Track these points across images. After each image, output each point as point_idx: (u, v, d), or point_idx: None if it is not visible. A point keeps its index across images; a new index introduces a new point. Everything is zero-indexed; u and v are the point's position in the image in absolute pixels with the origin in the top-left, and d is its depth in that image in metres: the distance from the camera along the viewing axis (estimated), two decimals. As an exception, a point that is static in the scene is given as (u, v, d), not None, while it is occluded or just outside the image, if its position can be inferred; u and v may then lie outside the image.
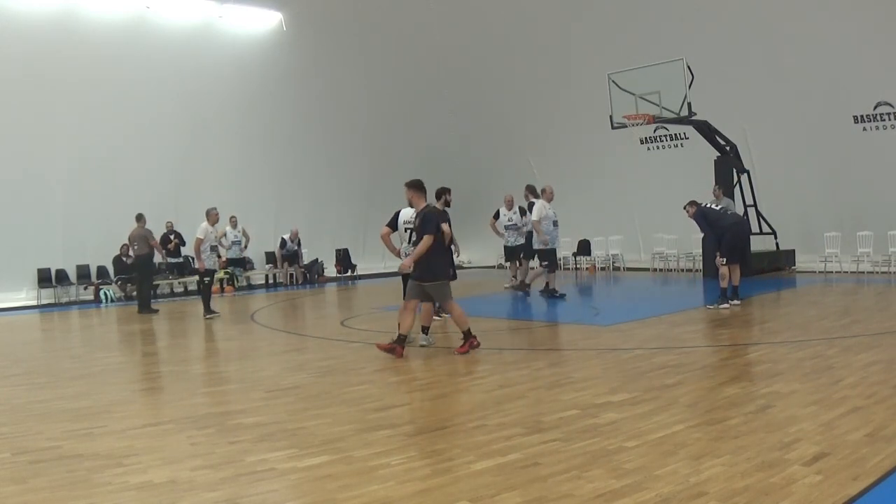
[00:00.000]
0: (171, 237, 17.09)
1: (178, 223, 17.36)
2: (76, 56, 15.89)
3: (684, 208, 11.44)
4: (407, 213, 8.46)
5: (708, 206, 11.41)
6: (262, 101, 18.87)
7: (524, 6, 18.52)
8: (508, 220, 14.42)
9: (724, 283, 10.93)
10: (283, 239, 19.02)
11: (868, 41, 14.42)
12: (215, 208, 12.81)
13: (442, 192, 8.68)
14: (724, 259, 10.81)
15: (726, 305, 10.77)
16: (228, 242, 17.33)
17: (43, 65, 15.53)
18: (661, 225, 18.15)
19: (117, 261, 16.63)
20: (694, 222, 11.36)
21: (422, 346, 8.43)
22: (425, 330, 8.57)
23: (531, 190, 13.57)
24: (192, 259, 17.94)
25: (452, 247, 8.38)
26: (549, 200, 12.96)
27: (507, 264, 14.97)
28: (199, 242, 12.39)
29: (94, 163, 16.44)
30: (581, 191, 19.92)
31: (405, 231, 8.41)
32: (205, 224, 12.53)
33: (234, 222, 17.34)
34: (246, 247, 17.98)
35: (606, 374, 6.69)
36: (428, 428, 5.16)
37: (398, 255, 8.67)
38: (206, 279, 12.70)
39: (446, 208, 8.43)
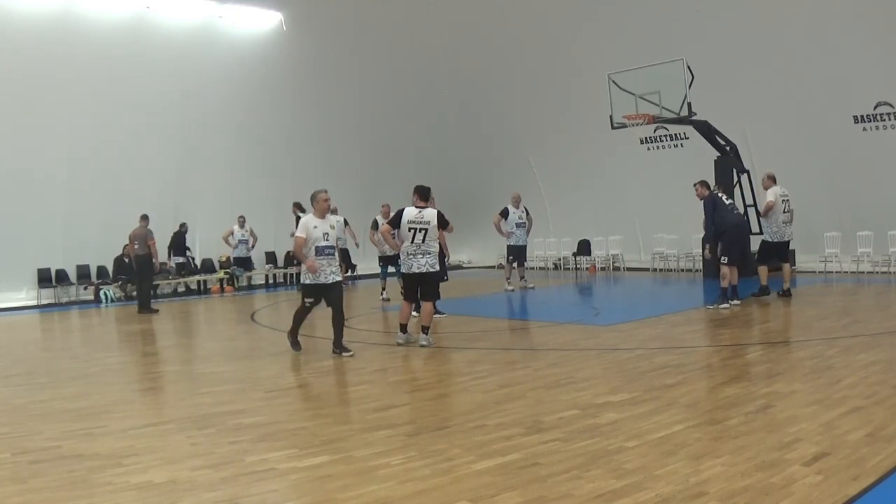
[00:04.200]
0: None
1: (178, 222, 17.36)
2: (76, 56, 15.85)
3: (694, 185, 11.29)
4: (411, 213, 8.51)
5: (720, 195, 11.31)
6: (262, 101, 18.84)
7: (525, 7, 18.50)
8: (519, 219, 14.42)
9: (724, 283, 10.91)
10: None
11: (868, 41, 14.40)
12: (325, 191, 8.26)
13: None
14: (726, 258, 10.80)
15: (726, 305, 10.76)
16: (235, 241, 17.67)
17: (43, 64, 15.49)
18: (661, 225, 18.14)
19: (117, 261, 16.61)
20: (692, 216, 11.17)
21: (422, 346, 8.44)
22: (425, 330, 8.59)
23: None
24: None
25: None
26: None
27: (515, 264, 14.69)
28: (302, 242, 8.04)
29: (94, 163, 16.41)
30: (581, 191, 19.94)
31: (408, 231, 8.44)
32: (306, 218, 8.18)
33: (241, 221, 17.58)
34: (253, 247, 18.11)
35: (606, 374, 6.69)
36: (428, 428, 5.15)
37: (397, 248, 8.73)
38: (309, 301, 8.26)
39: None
